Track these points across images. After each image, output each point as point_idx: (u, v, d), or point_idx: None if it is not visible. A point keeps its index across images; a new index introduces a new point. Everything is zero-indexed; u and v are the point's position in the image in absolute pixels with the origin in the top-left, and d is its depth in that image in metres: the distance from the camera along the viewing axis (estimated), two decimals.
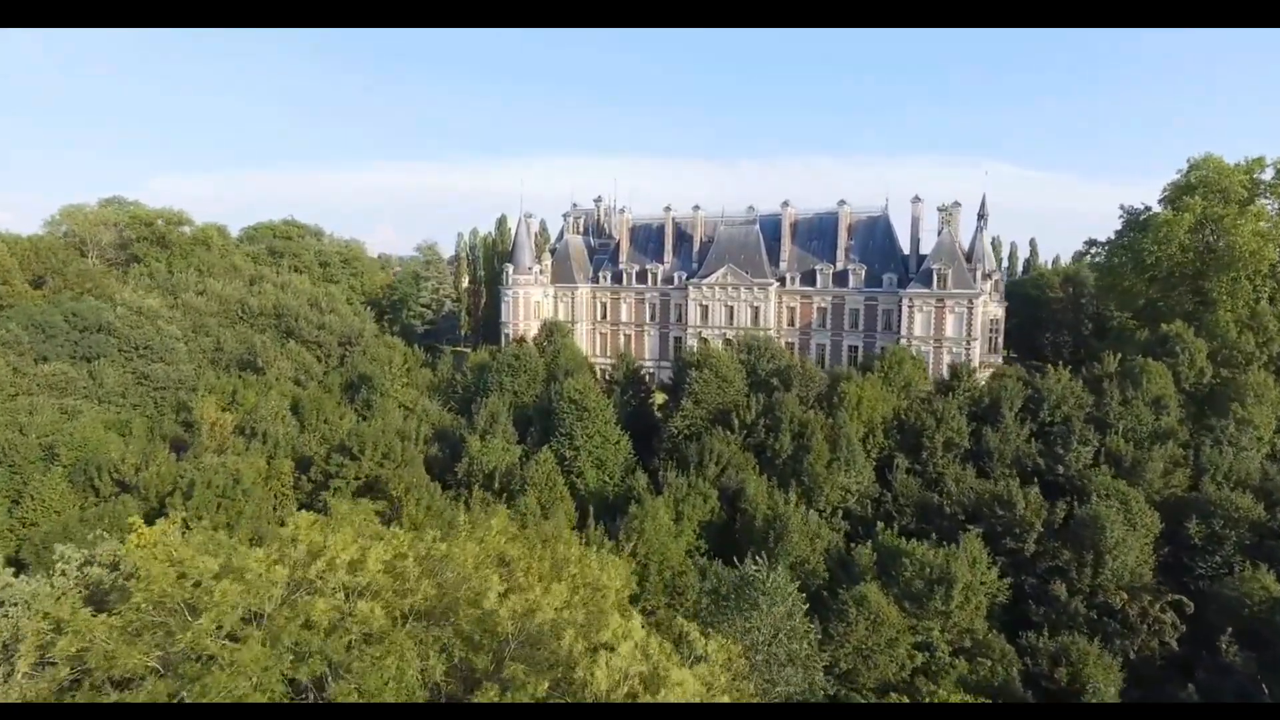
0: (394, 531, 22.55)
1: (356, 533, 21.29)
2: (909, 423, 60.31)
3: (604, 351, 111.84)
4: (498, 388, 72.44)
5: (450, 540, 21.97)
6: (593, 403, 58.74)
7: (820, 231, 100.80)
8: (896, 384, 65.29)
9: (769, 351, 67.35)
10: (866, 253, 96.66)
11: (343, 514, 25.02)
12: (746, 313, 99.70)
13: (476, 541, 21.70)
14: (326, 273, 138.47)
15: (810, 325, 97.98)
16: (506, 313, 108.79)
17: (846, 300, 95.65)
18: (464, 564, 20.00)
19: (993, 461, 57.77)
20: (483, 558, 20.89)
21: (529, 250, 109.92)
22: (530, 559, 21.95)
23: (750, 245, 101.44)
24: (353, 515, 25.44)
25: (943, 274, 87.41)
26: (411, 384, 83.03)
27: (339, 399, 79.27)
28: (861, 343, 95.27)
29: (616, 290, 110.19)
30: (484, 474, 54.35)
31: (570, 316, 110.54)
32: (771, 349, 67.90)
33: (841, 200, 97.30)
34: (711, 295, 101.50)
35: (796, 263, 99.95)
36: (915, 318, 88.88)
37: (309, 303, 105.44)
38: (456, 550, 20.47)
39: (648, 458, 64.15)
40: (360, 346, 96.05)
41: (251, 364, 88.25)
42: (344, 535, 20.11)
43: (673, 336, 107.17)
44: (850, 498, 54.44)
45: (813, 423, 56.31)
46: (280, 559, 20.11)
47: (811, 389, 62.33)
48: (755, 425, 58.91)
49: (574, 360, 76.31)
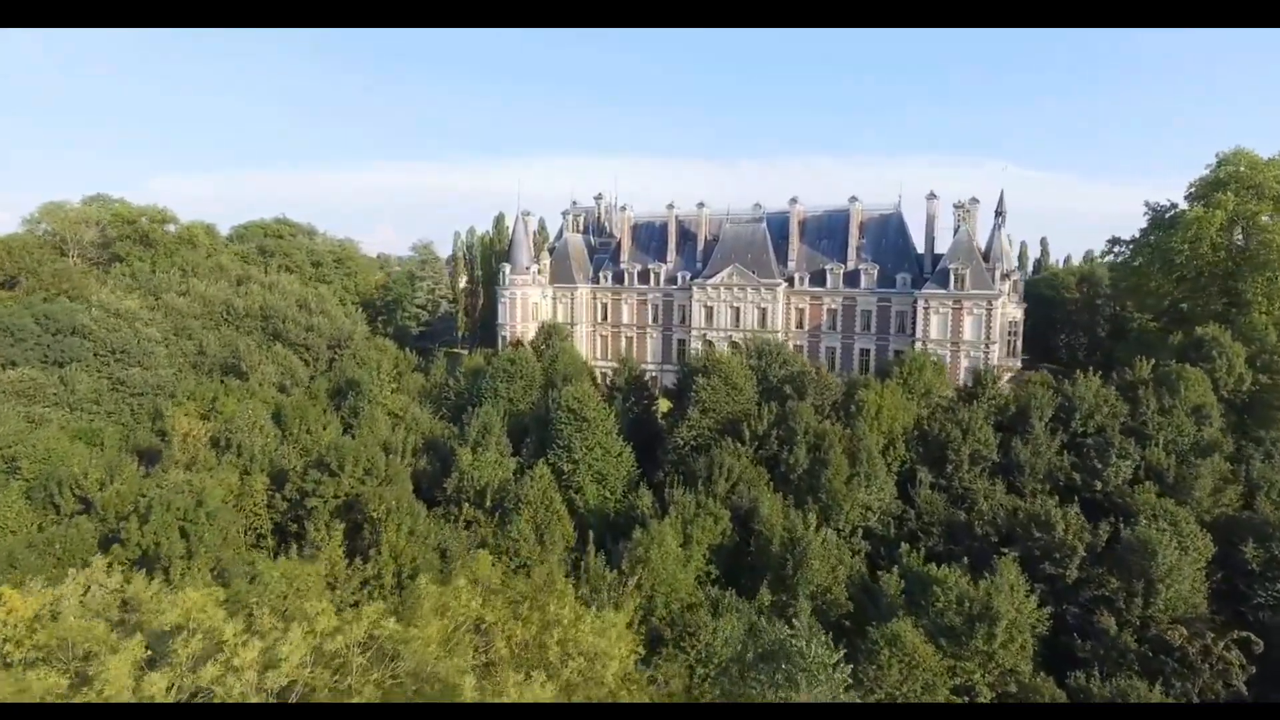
0: (325, 606, 18.27)
1: (279, 604, 17.19)
2: (932, 434, 56.17)
3: (604, 354, 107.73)
4: (491, 395, 68.29)
5: (412, 611, 17.82)
6: (592, 412, 54.63)
7: (830, 230, 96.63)
8: (917, 391, 61.15)
9: (781, 357, 63.15)
10: (879, 252, 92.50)
11: (273, 579, 20.88)
12: (753, 314, 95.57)
13: (439, 614, 17.54)
14: (319, 272, 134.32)
15: (820, 327, 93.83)
16: (503, 314, 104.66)
17: (858, 301, 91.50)
18: (425, 648, 15.92)
19: (1023, 476, 53.65)
20: (452, 628, 16.90)
21: (526, 249, 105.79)
22: (512, 623, 17.94)
23: (757, 244, 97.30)
24: (287, 575, 21.15)
25: (960, 274, 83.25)
26: (402, 390, 78.91)
27: (325, 406, 75.16)
28: (874, 346, 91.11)
29: (618, 291, 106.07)
30: (475, 490, 50.22)
31: (569, 318, 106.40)
32: (783, 354, 63.74)
33: (853, 197, 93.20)
34: (716, 296, 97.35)
35: (805, 262, 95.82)
36: (931, 320, 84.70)
37: (297, 304, 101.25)
38: (417, 632, 16.34)
39: (651, 470, 60.07)
40: (350, 350, 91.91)
41: (235, 368, 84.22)
42: (263, 618, 15.85)
43: (676, 339, 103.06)
44: (871, 516, 50.33)
45: (830, 434, 52.17)
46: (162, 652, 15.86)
47: (827, 397, 58.16)
48: (767, 437, 54.78)
49: (573, 365, 72.20)
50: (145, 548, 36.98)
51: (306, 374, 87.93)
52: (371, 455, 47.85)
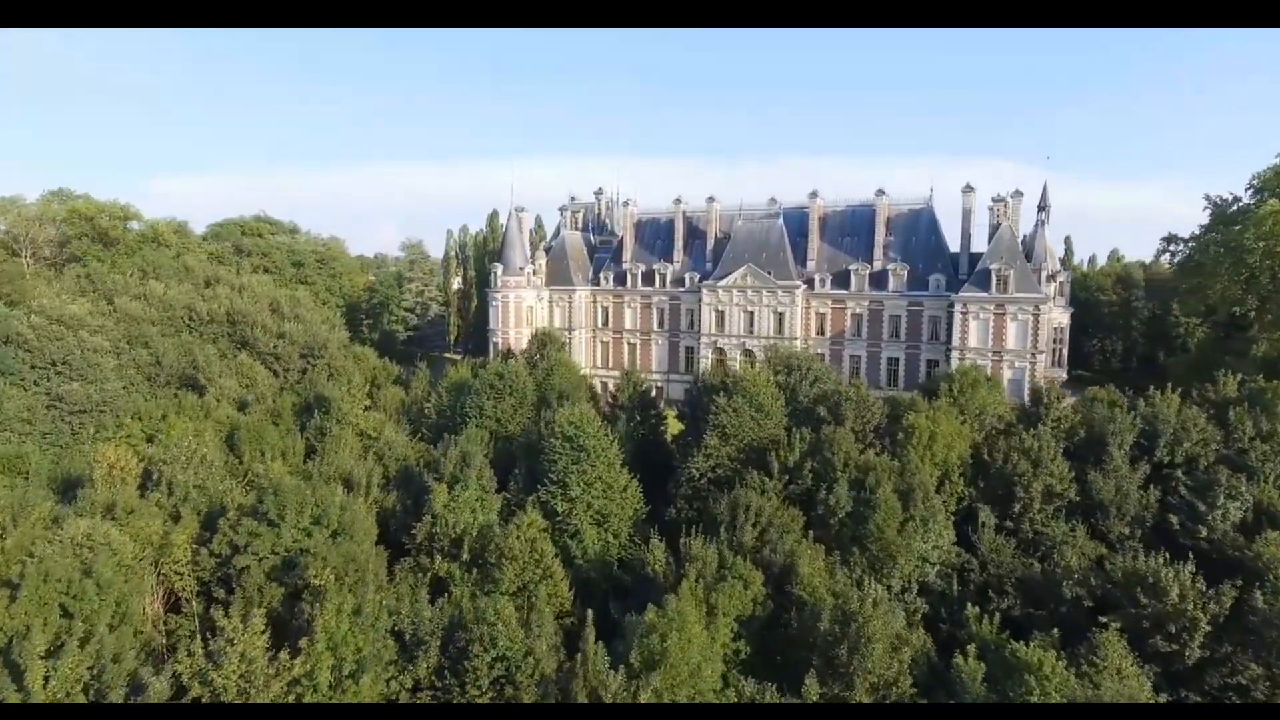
0: None
1: None
2: (994, 465, 47.46)
3: (605, 363, 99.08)
4: (476, 414, 59.63)
5: None
6: (592, 440, 45.93)
7: (854, 226, 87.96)
8: (970, 412, 52.46)
9: (812, 373, 54.34)
10: (908, 251, 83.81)
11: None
12: (769, 319, 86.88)
13: None
14: (300, 273, 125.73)
15: (843, 334, 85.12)
16: (495, 319, 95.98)
17: (886, 305, 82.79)
18: None
19: (1107, 519, 44.95)
20: None
21: (520, 248, 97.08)
22: None
23: (773, 242, 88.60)
24: None
25: (1003, 275, 74.54)
26: (378, 405, 70.25)
27: (290, 426, 66.53)
28: (903, 354, 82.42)
29: (620, 293, 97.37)
30: (449, 538, 41.53)
31: (567, 323, 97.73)
32: (815, 369, 54.93)
33: (879, 190, 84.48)
34: (729, 299, 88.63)
35: (826, 262, 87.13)
36: (970, 326, 75.98)
37: (269, 308, 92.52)
38: None
39: (660, 504, 51.37)
40: (324, 359, 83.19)
41: (194, 381, 75.60)
42: None
43: (684, 346, 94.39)
44: (930, 569, 41.63)
45: (877, 468, 43.44)
46: None
47: (869, 421, 49.41)
48: (800, 469, 46.06)
49: (569, 380, 63.55)
50: (11, 635, 28.46)
51: (276, 386, 79.26)
52: (323, 498, 39.09)
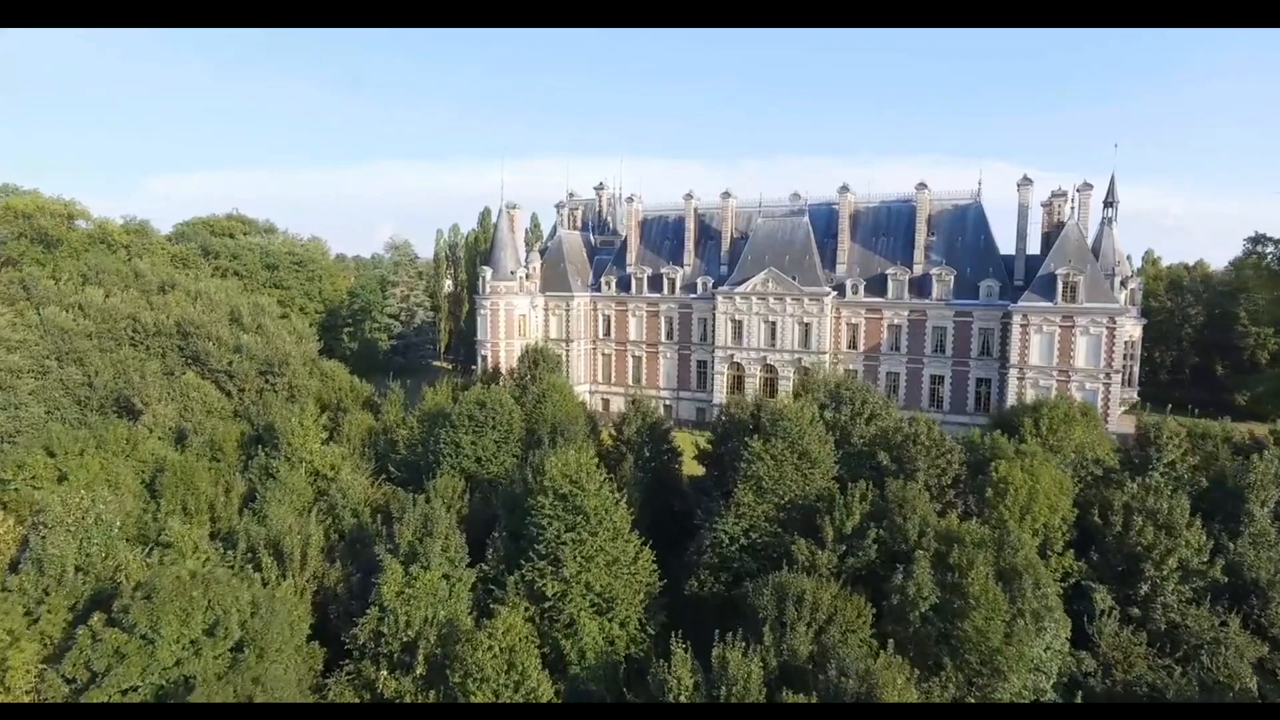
0: None
1: None
2: (1109, 531, 36.96)
3: (607, 377, 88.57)
4: (452, 452, 49.18)
5: None
6: (593, 500, 35.52)
7: (890, 225, 77.43)
8: (1065, 455, 42.00)
9: (868, 405, 43.58)
10: (954, 253, 73.28)
11: None
12: (793, 330, 76.34)
13: None
14: (273, 277, 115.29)
15: (879, 348, 74.58)
16: (483, 329, 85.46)
17: (929, 315, 72.24)
18: None
19: (1267, 606, 34.47)
20: None
21: (512, 250, 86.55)
22: None
23: (798, 243, 78.07)
24: None
25: (1071, 282, 64.00)
26: (344, 434, 59.79)
27: (232, 462, 56.33)
28: (949, 372, 71.87)
29: (623, 300, 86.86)
30: (400, 642, 31.09)
31: (564, 333, 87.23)
32: (872, 400, 44.17)
33: (921, 183, 73.93)
34: (747, 308, 78.11)
35: (859, 266, 76.61)
36: (1031, 341, 65.42)
37: (230, 316, 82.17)
38: None
39: (677, 568, 40.98)
40: (286, 376, 72.73)
41: (131, 405, 65.35)
42: None
43: (695, 360, 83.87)
44: (1045, 680, 31.15)
45: (967, 541, 32.90)
46: None
47: (944, 470, 38.80)
48: (861, 538, 35.53)
49: (565, 408, 53.06)
50: None
51: (229, 408, 68.83)
52: (220, 597, 28.58)
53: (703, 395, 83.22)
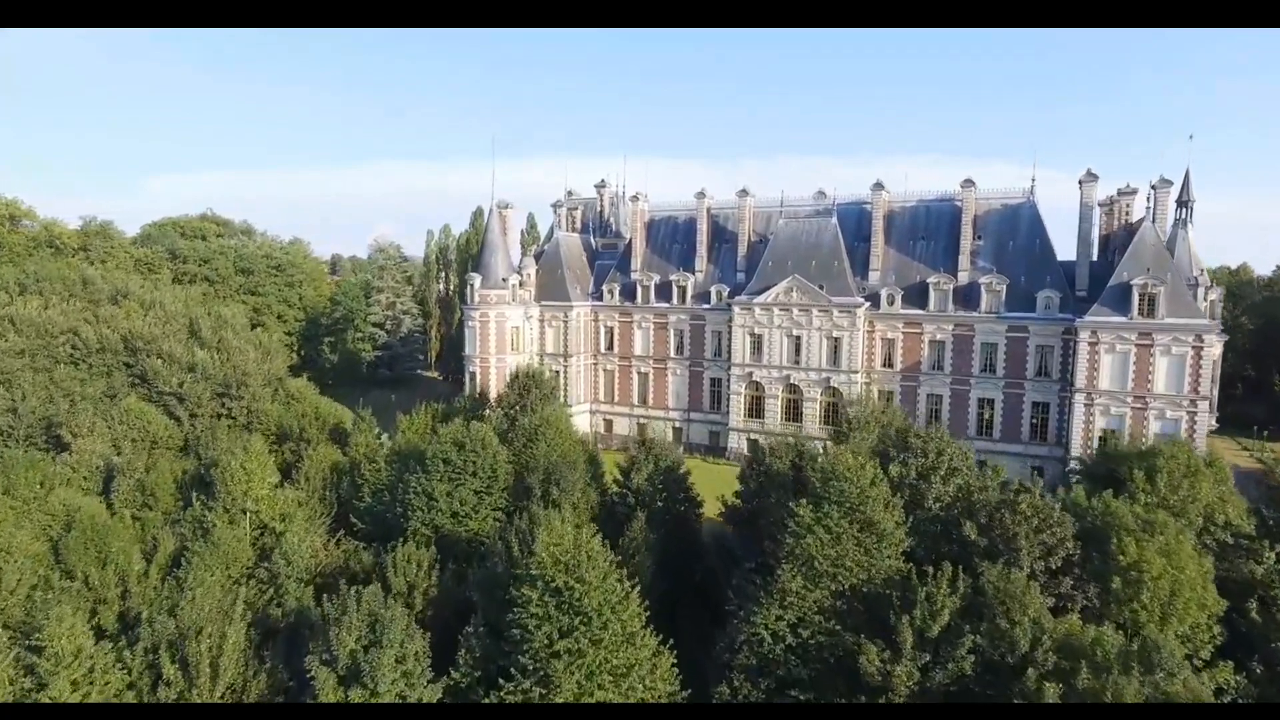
0: None
1: None
2: (1272, 633, 28.13)
3: (610, 396, 79.81)
4: (423, 506, 40.41)
5: None
6: (597, 597, 26.80)
7: (930, 227, 68.66)
8: (1191, 518, 33.21)
9: (946, 457, 34.53)
10: (1004, 258, 64.49)
11: None
12: (821, 346, 67.54)
13: None
14: (248, 282, 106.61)
15: (919, 366, 65.76)
16: (471, 343, 76.65)
17: (976, 330, 63.43)
18: None
19: None
20: None
21: (503, 254, 77.75)
22: None
23: (825, 247, 69.25)
24: None
25: (1150, 293, 55.17)
26: (303, 473, 51.10)
27: (169, 510, 47.85)
28: (1000, 395, 63.05)
29: (628, 310, 78.08)
30: None
31: (562, 347, 78.43)
32: (950, 452, 35.05)
33: (967, 180, 65.12)
34: (768, 320, 69.30)
35: (894, 273, 67.82)
36: (1101, 361, 56.59)
37: (188, 330, 73.43)
38: None
39: (701, 656, 32.38)
40: (245, 400, 64.00)
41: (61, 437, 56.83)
42: None
43: (708, 377, 75.07)
44: None
45: (1098, 655, 24.13)
46: None
47: (1054, 546, 29.86)
48: (951, 645, 26.76)
49: (561, 448, 44.16)
50: None
51: (178, 438, 60.15)
52: None
53: (716, 417, 74.44)
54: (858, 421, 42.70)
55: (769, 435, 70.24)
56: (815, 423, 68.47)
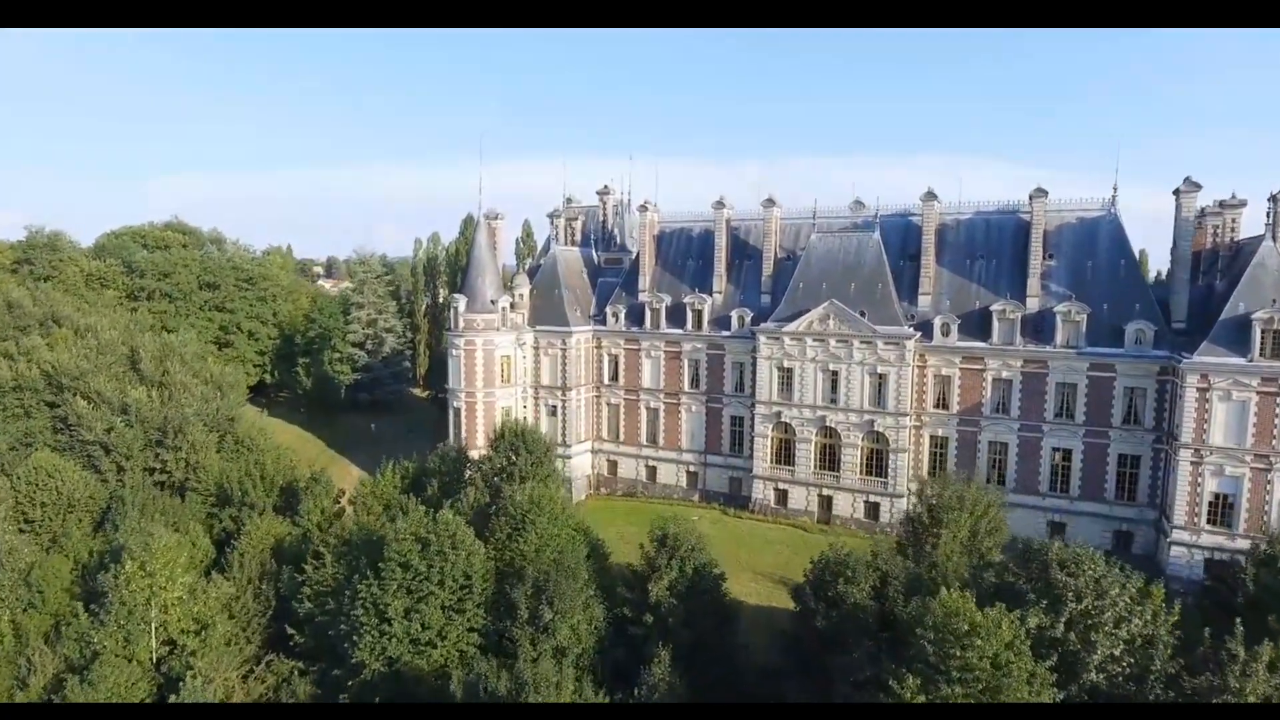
0: None
1: None
2: None
3: (614, 434, 69.94)
4: (373, 626, 30.54)
5: None
6: None
7: (990, 244, 58.77)
8: None
9: (1108, 602, 24.26)
10: (1083, 283, 54.56)
11: None
12: (863, 383, 57.66)
13: None
14: (213, 298, 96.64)
15: (979, 408, 55.85)
16: (456, 376, 66.74)
17: (1050, 367, 53.51)
18: None
19: None
20: None
21: (492, 272, 67.80)
22: None
23: (866, 267, 59.36)
24: None
25: (1276, 330, 45.25)
26: (238, 556, 41.24)
27: (61, 610, 38.31)
28: (1080, 444, 53.14)
29: (635, 336, 68.14)
30: None
31: (560, 378, 68.50)
32: (1112, 584, 24.68)
33: (1037, 189, 55.14)
34: (800, 352, 59.41)
35: (949, 297, 57.94)
36: (1213, 411, 46.63)
37: (127, 361, 63.61)
38: None
39: None
40: (182, 451, 54.02)
41: None
42: None
43: (728, 415, 65.18)
44: None
45: None
46: None
47: None
48: None
49: (558, 539, 34.22)
50: None
51: (100, 499, 50.21)
52: None
53: (738, 461, 64.57)
54: (943, 509, 32.75)
55: (799, 485, 60.47)
56: (855, 473, 58.62)
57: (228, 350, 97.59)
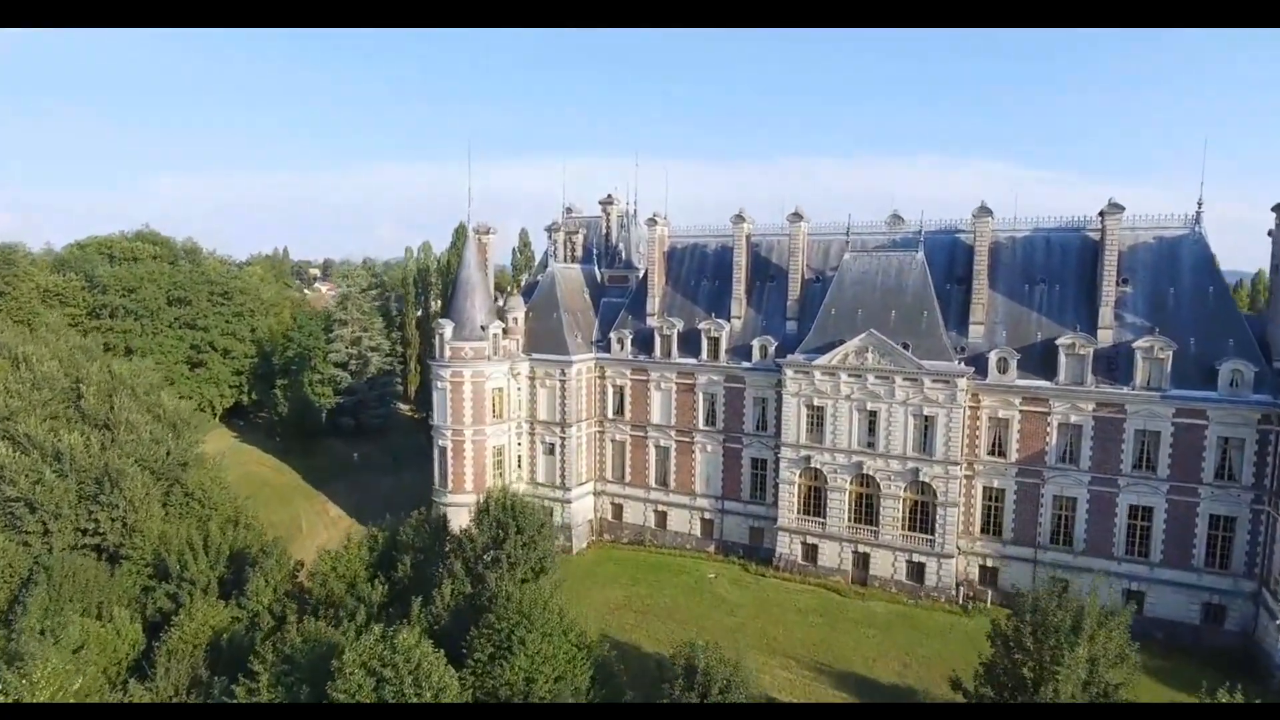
0: None
1: None
2: None
3: (619, 475, 62.54)
4: None
5: None
6: None
7: (1051, 266, 51.33)
8: None
9: None
10: (1164, 313, 47.10)
11: None
12: (906, 425, 50.19)
13: None
14: (184, 314, 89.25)
15: (1042, 457, 48.35)
16: (441, 411, 59.29)
17: (1128, 411, 46.00)
18: None
19: None
20: None
21: (482, 294, 60.39)
22: None
23: (909, 291, 51.92)
24: None
25: None
26: (164, 653, 33.90)
27: None
28: (1163, 502, 45.62)
29: (643, 366, 60.70)
30: None
31: (558, 413, 61.04)
32: None
33: (1112, 203, 47.66)
34: (833, 388, 51.95)
35: (1005, 328, 50.48)
36: None
37: (71, 395, 56.19)
38: None
39: None
40: (119, 511, 46.53)
41: None
42: None
43: (748, 456, 57.75)
44: None
45: None
46: None
47: None
48: None
49: (555, 660, 26.71)
50: None
51: (21, 569, 42.76)
52: None
53: (760, 510, 57.19)
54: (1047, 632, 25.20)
55: (831, 539, 53.02)
56: (896, 528, 51.16)
57: (200, 371, 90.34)
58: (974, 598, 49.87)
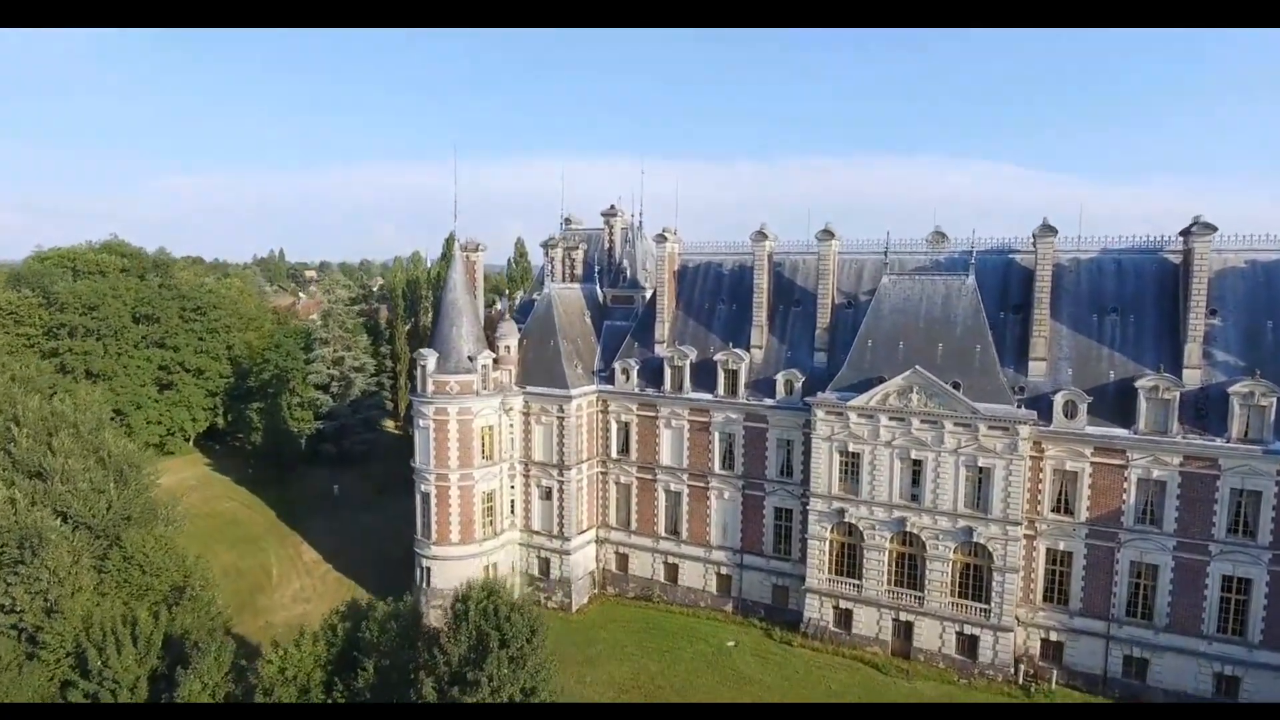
0: None
1: None
2: None
3: (623, 521, 55.91)
4: None
5: None
6: None
7: (1123, 294, 44.62)
8: None
9: None
10: (1260, 349, 40.52)
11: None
12: (957, 476, 43.51)
13: None
14: (154, 332, 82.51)
15: (1118, 517, 41.64)
16: (424, 452, 52.49)
17: (1223, 465, 39.33)
18: None
19: None
20: None
21: (470, 320, 53.62)
22: None
23: (959, 323, 45.21)
24: None
25: None
26: None
27: None
28: (1264, 574, 38.96)
29: (650, 401, 53.95)
30: None
31: (555, 454, 54.28)
32: None
33: (1197, 221, 40.99)
34: (870, 432, 45.23)
35: (1070, 364, 43.79)
36: None
37: (3, 437, 49.43)
38: None
39: None
40: (42, 580, 39.76)
41: None
42: None
43: (771, 505, 51.03)
44: None
45: None
46: None
47: None
48: None
49: None
50: None
51: None
52: None
53: (784, 566, 50.52)
54: None
55: (868, 605, 46.32)
56: (945, 594, 44.49)
57: (169, 394, 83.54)
58: (1036, 676, 43.22)
